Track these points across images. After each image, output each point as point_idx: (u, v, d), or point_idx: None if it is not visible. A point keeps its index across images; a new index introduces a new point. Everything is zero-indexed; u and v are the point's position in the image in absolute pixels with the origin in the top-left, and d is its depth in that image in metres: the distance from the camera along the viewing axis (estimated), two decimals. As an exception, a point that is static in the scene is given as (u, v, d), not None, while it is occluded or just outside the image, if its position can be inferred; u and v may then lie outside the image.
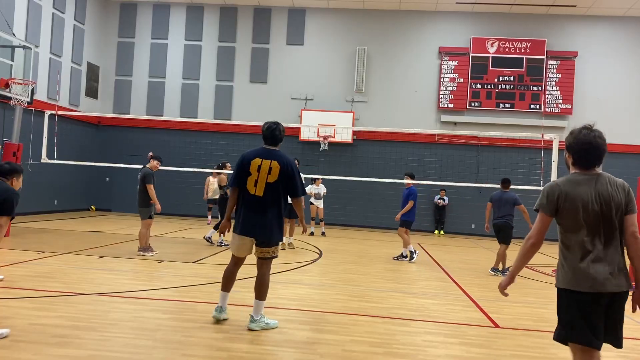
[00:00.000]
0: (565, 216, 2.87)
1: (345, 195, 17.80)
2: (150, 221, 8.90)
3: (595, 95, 17.75)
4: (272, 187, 4.71)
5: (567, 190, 2.88)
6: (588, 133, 2.92)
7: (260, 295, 4.82)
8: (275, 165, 4.72)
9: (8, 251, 8.52)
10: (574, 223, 2.85)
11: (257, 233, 4.73)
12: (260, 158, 4.77)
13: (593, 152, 2.89)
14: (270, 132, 4.91)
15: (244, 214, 4.76)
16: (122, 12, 19.13)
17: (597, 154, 2.90)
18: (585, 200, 2.83)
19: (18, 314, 4.81)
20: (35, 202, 15.46)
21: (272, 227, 4.74)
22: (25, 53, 11.75)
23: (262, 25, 18.75)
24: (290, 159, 4.87)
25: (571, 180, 2.92)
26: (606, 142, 2.94)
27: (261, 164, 4.74)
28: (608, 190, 2.86)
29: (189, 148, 18.27)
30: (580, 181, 2.89)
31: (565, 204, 2.86)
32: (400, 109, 18.13)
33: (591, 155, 2.90)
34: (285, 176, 4.72)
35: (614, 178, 2.95)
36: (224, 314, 4.95)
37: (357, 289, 7.07)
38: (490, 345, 4.75)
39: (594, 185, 2.87)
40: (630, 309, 2.92)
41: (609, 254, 2.81)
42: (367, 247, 12.39)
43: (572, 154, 2.99)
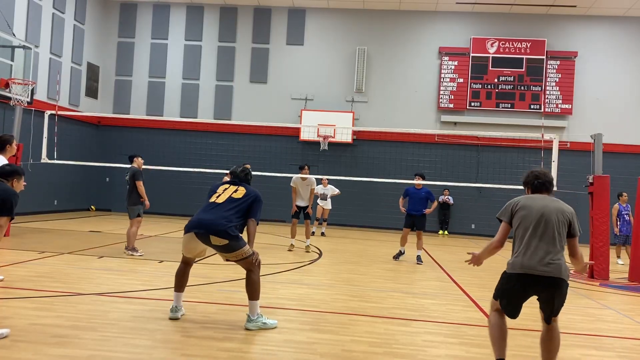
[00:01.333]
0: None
1: (345, 195, 17.77)
2: (140, 219, 8.90)
3: (595, 95, 17.75)
4: (234, 200, 4.92)
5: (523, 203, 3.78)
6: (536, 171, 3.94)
7: (252, 295, 4.82)
8: (242, 189, 5.08)
9: (8, 251, 8.51)
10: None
11: (202, 227, 4.76)
12: (228, 184, 5.22)
13: (540, 178, 3.86)
14: (232, 175, 5.34)
15: (197, 215, 4.95)
16: (122, 12, 19.13)
17: (542, 181, 3.85)
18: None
19: (18, 314, 4.81)
20: (35, 202, 15.45)
21: (220, 224, 4.70)
22: (25, 53, 11.76)
23: (262, 25, 18.75)
24: (257, 191, 5.17)
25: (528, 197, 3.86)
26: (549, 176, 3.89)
27: (228, 187, 5.14)
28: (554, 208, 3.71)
29: (189, 148, 18.26)
30: (535, 198, 3.80)
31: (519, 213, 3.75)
32: (400, 109, 18.13)
33: (539, 181, 3.86)
34: (248, 198, 4.98)
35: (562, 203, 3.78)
36: (179, 313, 5.02)
37: (357, 289, 7.07)
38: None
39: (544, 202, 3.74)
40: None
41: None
42: (367, 247, 12.39)
43: (528, 185, 3.95)
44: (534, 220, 3.62)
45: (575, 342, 5.05)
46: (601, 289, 8.35)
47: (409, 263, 10.06)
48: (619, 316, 6.41)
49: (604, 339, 5.25)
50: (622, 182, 14.96)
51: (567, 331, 5.45)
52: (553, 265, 3.54)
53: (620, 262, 11.60)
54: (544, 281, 3.54)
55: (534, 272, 3.53)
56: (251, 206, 4.97)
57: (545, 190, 3.82)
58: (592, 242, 9.42)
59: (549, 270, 3.52)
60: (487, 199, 17.46)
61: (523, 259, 3.58)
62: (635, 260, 9.26)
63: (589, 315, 6.36)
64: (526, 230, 3.63)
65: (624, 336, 5.46)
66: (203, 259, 8.92)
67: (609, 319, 6.23)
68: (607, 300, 7.51)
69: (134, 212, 8.83)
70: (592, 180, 9.50)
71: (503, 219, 3.79)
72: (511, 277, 3.64)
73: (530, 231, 3.61)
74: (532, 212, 3.66)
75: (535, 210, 3.65)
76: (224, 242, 4.70)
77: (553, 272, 3.53)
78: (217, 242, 4.72)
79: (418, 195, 10.40)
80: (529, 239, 3.61)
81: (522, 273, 3.57)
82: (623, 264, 11.21)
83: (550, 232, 3.60)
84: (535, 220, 3.62)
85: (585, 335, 5.35)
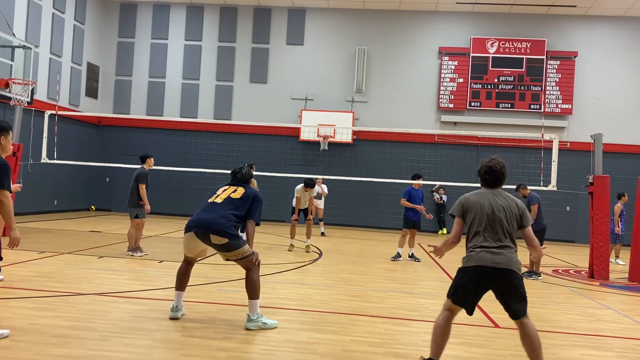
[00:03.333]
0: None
1: (345, 195, 17.79)
2: (139, 221, 8.79)
3: (595, 95, 17.75)
4: (232, 200, 4.94)
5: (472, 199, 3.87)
6: (490, 161, 3.90)
7: (252, 294, 4.81)
8: (241, 189, 5.08)
9: (8, 251, 8.50)
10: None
11: (201, 226, 4.80)
12: (228, 185, 5.23)
13: (492, 174, 3.87)
14: (233, 175, 5.33)
15: (195, 214, 4.98)
16: (122, 12, 19.13)
17: (496, 177, 3.85)
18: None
19: (18, 314, 4.81)
20: (35, 202, 15.46)
21: (219, 223, 4.73)
22: (25, 53, 11.77)
23: (262, 25, 18.75)
24: (257, 192, 5.20)
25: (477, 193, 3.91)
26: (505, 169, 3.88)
27: (227, 188, 5.16)
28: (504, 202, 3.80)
29: (189, 148, 18.26)
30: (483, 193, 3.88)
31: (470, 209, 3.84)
32: (400, 109, 18.13)
33: (490, 177, 3.88)
34: (247, 198, 4.99)
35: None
36: (179, 312, 5.02)
37: (357, 289, 7.07)
38: (490, 345, 4.75)
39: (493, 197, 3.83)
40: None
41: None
42: (367, 247, 12.39)
43: (480, 178, 3.95)
44: (485, 216, 3.74)
45: (575, 342, 5.04)
46: (601, 289, 8.35)
47: (408, 263, 10.06)
48: (619, 316, 6.40)
49: (604, 339, 5.25)
50: (622, 182, 14.96)
51: (567, 331, 5.45)
52: (503, 257, 3.63)
53: (621, 263, 11.60)
54: (495, 273, 3.63)
55: (485, 264, 3.63)
56: (250, 206, 4.98)
57: (496, 185, 3.88)
58: (592, 242, 9.42)
59: (498, 261, 3.62)
60: (487, 199, 17.44)
61: (477, 253, 3.68)
62: (635, 260, 9.26)
63: (589, 315, 6.35)
64: (479, 226, 3.74)
65: (624, 336, 5.46)
66: (203, 258, 8.92)
67: (609, 319, 6.23)
68: (607, 300, 7.50)
69: (132, 213, 8.79)
70: (592, 180, 9.50)
71: (456, 215, 3.90)
72: (466, 271, 3.72)
73: (482, 227, 3.73)
74: (483, 208, 3.76)
75: (486, 207, 3.76)
76: (223, 240, 4.71)
77: (504, 264, 3.62)
78: (216, 241, 4.73)
79: (417, 195, 10.55)
80: (482, 235, 3.72)
81: (475, 265, 3.66)
82: (624, 264, 11.20)
83: (500, 226, 3.71)
84: (486, 216, 3.73)
85: (585, 335, 5.34)
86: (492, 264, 3.62)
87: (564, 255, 13.22)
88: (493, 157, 3.94)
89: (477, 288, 3.72)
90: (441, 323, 3.76)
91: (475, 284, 3.70)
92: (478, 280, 3.69)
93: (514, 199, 3.84)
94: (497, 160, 3.89)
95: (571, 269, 10.67)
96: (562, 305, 6.93)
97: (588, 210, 9.77)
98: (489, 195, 3.83)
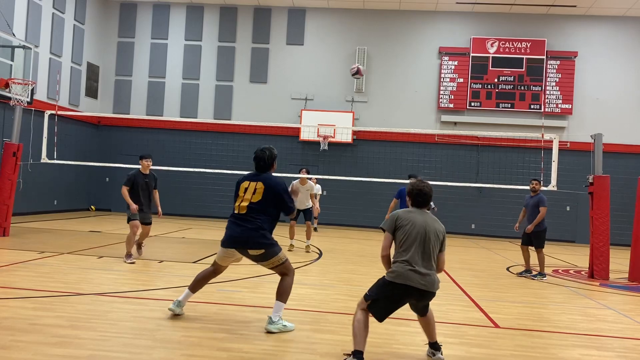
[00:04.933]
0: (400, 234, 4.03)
1: (345, 195, 17.80)
2: (131, 224, 8.19)
3: (595, 95, 17.76)
4: (254, 206, 4.81)
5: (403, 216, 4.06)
6: (419, 183, 4.16)
7: (282, 297, 4.82)
8: (260, 186, 4.85)
9: (8, 251, 8.52)
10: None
11: (238, 243, 4.81)
12: (248, 181, 4.97)
13: (423, 196, 4.11)
14: (256, 162, 5.02)
15: (228, 230, 4.92)
16: (122, 12, 19.13)
17: (426, 199, 4.09)
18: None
19: (18, 314, 4.81)
20: (35, 202, 15.47)
21: (252, 236, 4.76)
22: (25, 53, 11.75)
23: (262, 25, 18.75)
24: (278, 180, 4.99)
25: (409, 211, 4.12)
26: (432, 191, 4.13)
27: (248, 186, 4.92)
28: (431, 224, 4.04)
29: (189, 148, 18.26)
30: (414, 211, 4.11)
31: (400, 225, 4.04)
32: (400, 109, 18.13)
33: (421, 199, 4.12)
34: (270, 193, 4.84)
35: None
36: (179, 309, 5.00)
37: (357, 289, 7.07)
38: (490, 345, 4.75)
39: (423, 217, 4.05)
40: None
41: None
42: (367, 247, 12.39)
43: (410, 198, 4.17)
44: (417, 236, 3.95)
45: (575, 342, 5.04)
46: (601, 289, 8.35)
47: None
48: (619, 316, 6.40)
49: (604, 339, 5.24)
50: (622, 182, 14.98)
51: (567, 331, 5.45)
52: (429, 279, 3.91)
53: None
54: (420, 292, 3.91)
55: (413, 284, 3.86)
56: (278, 201, 4.85)
57: (424, 206, 4.13)
58: (592, 242, 9.42)
59: (425, 284, 3.88)
60: (487, 199, 17.47)
61: (406, 272, 3.88)
62: (635, 260, 9.26)
63: (589, 315, 6.35)
64: (410, 245, 3.94)
65: (624, 336, 5.46)
66: (205, 258, 8.91)
67: (609, 319, 6.23)
68: (607, 300, 7.50)
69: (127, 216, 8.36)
70: (592, 180, 9.50)
71: (387, 230, 4.09)
72: (393, 285, 3.91)
73: (413, 246, 3.93)
74: (414, 228, 3.97)
75: (418, 226, 3.98)
76: (260, 252, 4.78)
77: (428, 287, 3.90)
78: (254, 253, 4.81)
79: None
80: (412, 254, 3.91)
81: (402, 283, 3.87)
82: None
83: (429, 248, 3.94)
84: (418, 237, 3.95)
85: (585, 335, 5.34)
86: (420, 286, 3.87)
87: (564, 255, 13.22)
88: (420, 179, 4.31)
89: (398, 302, 3.98)
90: (361, 318, 3.96)
91: (399, 299, 3.96)
92: (402, 297, 3.95)
93: (439, 224, 4.08)
94: (426, 183, 4.16)
95: (571, 269, 10.67)
96: (562, 305, 6.93)
97: (588, 210, 9.77)
98: (421, 215, 4.06)
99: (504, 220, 17.21)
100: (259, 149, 5.06)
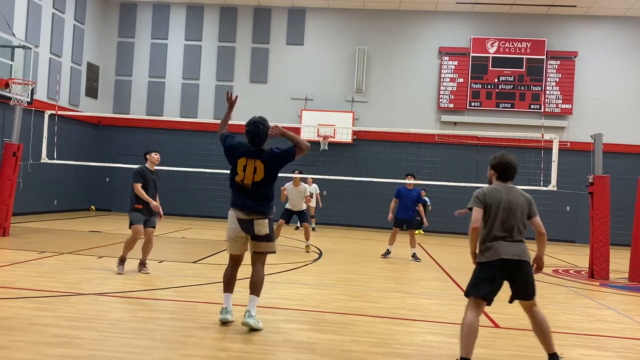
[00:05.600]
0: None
1: (345, 195, 17.80)
2: (134, 228, 7.09)
3: (595, 95, 17.76)
4: (259, 183, 4.78)
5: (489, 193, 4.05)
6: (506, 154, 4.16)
7: (259, 291, 4.79)
8: (260, 165, 4.77)
9: (8, 251, 8.52)
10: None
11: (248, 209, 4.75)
12: (245, 157, 4.81)
13: (511, 169, 4.10)
14: (251, 138, 4.85)
15: (236, 197, 4.83)
16: (122, 12, 19.13)
17: (513, 172, 4.08)
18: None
19: (18, 314, 4.80)
20: (35, 202, 15.46)
21: (261, 204, 4.77)
22: (25, 53, 11.75)
23: (262, 25, 18.75)
24: (274, 150, 4.84)
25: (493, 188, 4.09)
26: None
27: (246, 163, 4.79)
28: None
29: (189, 148, 18.24)
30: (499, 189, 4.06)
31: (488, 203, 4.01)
32: (400, 109, 18.13)
33: (508, 171, 4.09)
34: (271, 165, 4.78)
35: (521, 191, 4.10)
36: (230, 315, 4.84)
37: (357, 289, 7.07)
38: (490, 345, 4.75)
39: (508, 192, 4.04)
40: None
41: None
42: (367, 247, 12.40)
43: (495, 171, 4.16)
44: (503, 212, 3.95)
45: (575, 342, 5.04)
46: (601, 289, 8.35)
47: (408, 263, 10.06)
48: (619, 316, 6.40)
49: (604, 339, 5.24)
50: (622, 182, 14.97)
51: (567, 331, 5.45)
52: (519, 249, 3.92)
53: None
54: (514, 264, 3.90)
55: (505, 256, 3.88)
56: (283, 161, 4.84)
57: (511, 179, 4.09)
58: (592, 242, 9.42)
59: (517, 254, 3.90)
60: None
61: (495, 247, 3.91)
62: (635, 260, 9.26)
63: (589, 315, 6.35)
64: (496, 221, 3.95)
65: (624, 336, 5.46)
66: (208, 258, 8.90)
67: (609, 319, 6.23)
68: (607, 300, 7.50)
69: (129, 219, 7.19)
70: (592, 180, 9.50)
71: (476, 206, 4.02)
72: (487, 265, 3.96)
73: (500, 221, 3.94)
74: (500, 203, 3.96)
75: (503, 202, 3.97)
76: (265, 229, 4.77)
77: (522, 255, 3.91)
78: (260, 229, 4.77)
79: (409, 196, 10.50)
80: (499, 229, 3.93)
81: (495, 260, 3.91)
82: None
83: (515, 221, 3.95)
84: (504, 212, 3.95)
85: (585, 335, 5.34)
86: (512, 256, 3.87)
87: (564, 255, 13.22)
88: (504, 152, 4.16)
89: (501, 278, 3.95)
90: (470, 320, 3.90)
91: (497, 277, 3.93)
92: (499, 273, 3.93)
93: (522, 194, 4.06)
94: (512, 156, 4.13)
95: (571, 269, 10.67)
96: (562, 305, 6.93)
97: (588, 210, 9.76)
98: (504, 190, 4.03)
99: (504, 220, 17.21)
100: (251, 122, 4.83)
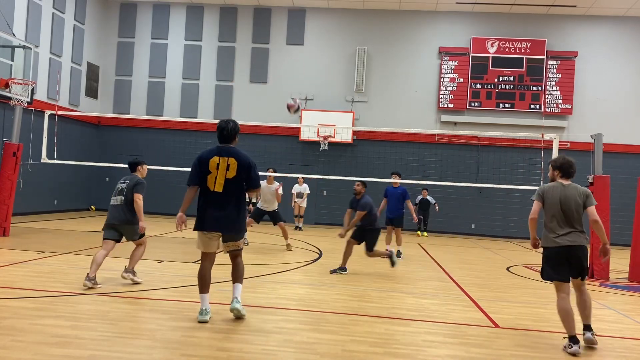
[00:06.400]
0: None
1: (345, 195, 17.68)
2: (146, 239, 6.81)
3: (595, 95, 17.75)
4: (231, 183, 4.95)
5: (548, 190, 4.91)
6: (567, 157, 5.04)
7: (239, 279, 5.14)
8: (233, 162, 4.96)
9: (8, 251, 8.52)
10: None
11: (222, 227, 4.99)
12: (218, 156, 5.02)
13: (572, 167, 4.96)
14: (219, 132, 5.16)
15: (207, 211, 5.01)
16: (122, 12, 19.13)
17: (574, 169, 4.94)
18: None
19: (18, 314, 4.81)
20: (35, 202, 15.46)
21: (235, 221, 5.00)
22: (25, 53, 11.75)
23: (262, 25, 18.75)
24: (246, 154, 5.13)
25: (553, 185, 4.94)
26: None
27: (219, 161, 4.98)
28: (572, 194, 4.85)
29: (189, 148, 18.21)
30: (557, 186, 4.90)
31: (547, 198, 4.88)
32: (400, 109, 18.13)
33: (572, 169, 4.95)
34: (243, 170, 4.97)
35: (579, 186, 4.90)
36: (208, 315, 4.95)
37: (357, 289, 7.07)
38: (490, 345, 4.75)
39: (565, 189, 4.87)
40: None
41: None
42: (367, 247, 12.37)
43: (560, 171, 4.97)
44: (559, 205, 4.76)
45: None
46: (601, 289, 8.34)
47: (409, 263, 10.06)
48: (619, 316, 6.40)
49: (604, 339, 5.24)
50: (622, 182, 14.97)
51: (567, 331, 5.44)
52: (575, 236, 4.72)
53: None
54: (571, 249, 4.69)
55: (563, 243, 4.70)
56: (248, 178, 5.01)
57: (572, 176, 4.93)
58: (592, 242, 9.42)
59: (572, 240, 4.70)
60: (487, 199, 17.46)
61: (553, 236, 4.73)
62: (635, 260, 9.26)
63: (589, 315, 6.34)
64: (553, 213, 4.77)
65: (624, 336, 5.46)
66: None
67: (609, 319, 6.23)
68: (607, 300, 7.50)
69: (135, 231, 6.61)
70: (592, 180, 9.50)
71: (536, 200, 4.88)
72: (549, 250, 4.78)
73: (557, 213, 4.76)
74: (555, 198, 4.79)
75: (558, 197, 4.79)
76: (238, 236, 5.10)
77: (577, 241, 4.72)
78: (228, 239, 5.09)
79: (395, 194, 10.69)
80: (557, 220, 4.75)
81: (554, 247, 4.73)
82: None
83: (571, 212, 4.75)
84: (560, 205, 4.76)
85: (585, 335, 5.33)
86: (567, 243, 4.69)
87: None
88: (563, 155, 5.12)
89: (561, 263, 4.72)
90: (562, 305, 4.68)
91: (559, 261, 4.72)
92: (560, 258, 4.72)
93: (578, 189, 4.84)
94: (570, 158, 4.98)
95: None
96: (562, 305, 6.92)
97: (588, 210, 9.75)
98: (560, 187, 4.84)
99: (504, 220, 17.22)
100: (222, 120, 5.23)
